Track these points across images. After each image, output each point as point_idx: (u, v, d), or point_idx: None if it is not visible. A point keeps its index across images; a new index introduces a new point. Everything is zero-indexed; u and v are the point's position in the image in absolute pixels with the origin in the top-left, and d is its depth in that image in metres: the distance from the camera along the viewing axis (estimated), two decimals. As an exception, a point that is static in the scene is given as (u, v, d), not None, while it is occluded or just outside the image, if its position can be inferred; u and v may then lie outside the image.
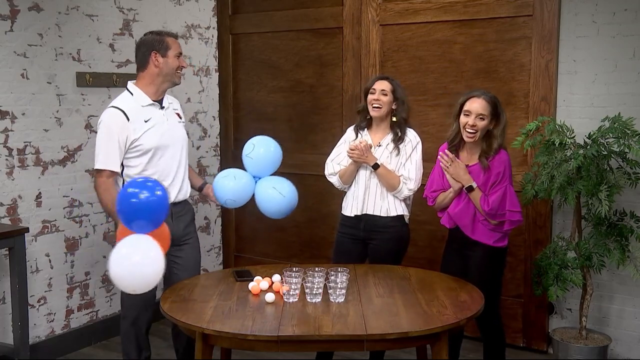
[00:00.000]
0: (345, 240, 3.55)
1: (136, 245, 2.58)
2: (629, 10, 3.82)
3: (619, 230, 3.71)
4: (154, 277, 2.60)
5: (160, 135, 3.21)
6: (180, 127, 3.37)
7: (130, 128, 3.12)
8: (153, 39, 3.21)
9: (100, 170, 3.14)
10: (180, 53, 3.26)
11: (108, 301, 4.50)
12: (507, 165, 3.22)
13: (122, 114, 3.13)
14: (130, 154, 3.16)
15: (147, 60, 3.20)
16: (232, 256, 5.44)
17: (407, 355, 3.97)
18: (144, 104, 3.20)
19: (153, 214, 2.64)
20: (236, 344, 2.65)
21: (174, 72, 3.24)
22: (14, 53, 3.85)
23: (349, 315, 2.66)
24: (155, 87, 3.23)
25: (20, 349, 3.62)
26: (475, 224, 3.25)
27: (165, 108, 3.30)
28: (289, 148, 4.95)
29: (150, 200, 2.62)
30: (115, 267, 2.55)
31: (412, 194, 3.44)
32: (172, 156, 3.27)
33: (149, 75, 3.22)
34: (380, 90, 3.43)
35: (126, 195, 2.65)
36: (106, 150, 3.12)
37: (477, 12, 4.23)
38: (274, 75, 5.11)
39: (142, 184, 2.68)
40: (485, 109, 3.19)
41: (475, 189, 3.22)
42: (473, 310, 2.73)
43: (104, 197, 3.12)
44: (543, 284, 3.76)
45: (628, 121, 3.55)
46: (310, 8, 4.88)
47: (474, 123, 3.19)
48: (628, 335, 4.02)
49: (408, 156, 3.43)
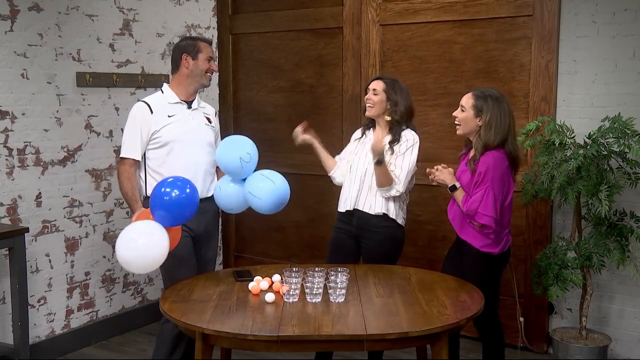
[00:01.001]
0: (340, 236, 3.56)
1: (142, 230, 2.82)
2: (629, 10, 3.82)
3: (619, 230, 3.71)
4: (158, 258, 2.83)
5: (181, 131, 3.31)
6: (206, 129, 3.44)
7: (152, 120, 3.27)
8: (186, 43, 3.39)
9: (124, 158, 3.30)
10: (211, 57, 3.39)
11: (108, 301, 4.50)
12: (490, 167, 3.10)
13: (147, 106, 3.30)
14: (150, 145, 3.29)
15: (178, 62, 3.36)
16: (232, 256, 5.44)
17: (407, 355, 3.97)
18: (172, 101, 3.36)
19: (179, 209, 2.87)
20: (236, 344, 2.65)
21: (203, 74, 3.38)
22: (14, 53, 3.85)
23: (348, 315, 2.66)
24: (184, 88, 3.37)
25: (20, 349, 3.62)
26: (463, 223, 3.25)
27: (194, 109, 3.41)
28: (289, 148, 4.96)
29: (181, 197, 2.86)
30: (123, 249, 2.79)
31: (398, 194, 3.40)
32: (193, 154, 3.34)
33: (180, 76, 3.37)
34: (372, 90, 3.46)
35: (160, 193, 2.88)
36: (130, 140, 3.28)
37: (477, 12, 4.23)
38: (274, 75, 5.11)
39: (174, 183, 2.91)
40: (466, 102, 3.22)
41: (458, 189, 3.22)
42: (473, 310, 2.73)
43: (125, 185, 3.27)
44: (543, 284, 3.76)
45: (628, 121, 3.55)
46: (310, 8, 4.88)
47: (456, 114, 3.25)
48: (628, 335, 4.02)
49: (401, 155, 3.40)
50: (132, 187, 3.26)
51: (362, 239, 3.50)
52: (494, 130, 3.14)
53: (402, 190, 3.39)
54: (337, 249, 3.56)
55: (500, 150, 3.16)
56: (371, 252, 3.48)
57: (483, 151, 3.16)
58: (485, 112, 3.16)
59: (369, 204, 3.44)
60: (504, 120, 3.16)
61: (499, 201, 3.14)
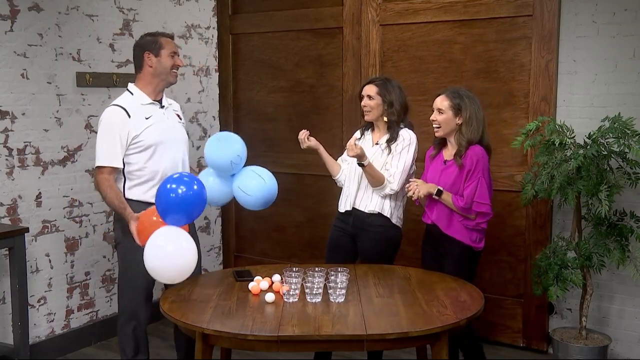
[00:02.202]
0: (337, 234, 3.59)
1: (169, 237, 2.78)
2: (629, 10, 3.82)
3: (619, 230, 3.71)
4: (189, 265, 2.80)
5: (161, 132, 3.25)
6: (180, 127, 3.41)
7: (131, 124, 3.17)
8: (147, 40, 3.29)
9: (102, 167, 3.18)
10: (174, 52, 3.30)
11: (108, 301, 4.50)
12: (479, 159, 3.24)
13: (123, 110, 3.18)
14: (130, 150, 3.19)
15: (141, 61, 3.26)
16: (232, 256, 5.44)
17: (407, 355, 3.97)
18: (144, 102, 3.26)
19: (190, 207, 2.82)
20: (236, 344, 2.65)
21: (169, 72, 3.28)
22: (14, 53, 3.85)
23: (348, 315, 2.66)
24: (152, 87, 3.28)
25: (20, 349, 3.62)
26: (451, 220, 3.30)
27: (165, 107, 3.35)
28: (289, 148, 4.97)
29: (188, 195, 2.80)
30: (151, 259, 2.74)
31: (393, 193, 3.44)
32: (173, 154, 3.30)
33: (145, 75, 3.27)
34: (366, 95, 3.49)
35: (165, 190, 2.81)
36: (107, 147, 3.16)
37: (477, 12, 4.22)
38: (274, 75, 5.11)
39: (179, 179, 2.84)
40: (442, 104, 3.31)
41: (443, 192, 3.28)
42: (473, 310, 2.73)
43: (109, 194, 3.15)
44: (543, 284, 3.76)
45: (628, 121, 3.55)
46: (310, 8, 4.88)
47: (434, 117, 3.33)
48: (628, 335, 4.02)
49: (398, 154, 3.44)
50: (117, 195, 3.14)
51: (358, 238, 3.52)
52: (475, 124, 3.28)
53: (397, 189, 3.42)
54: (335, 248, 3.59)
55: (480, 144, 3.30)
56: (367, 252, 3.51)
57: (467, 146, 3.27)
58: (464, 109, 3.28)
59: (365, 203, 3.48)
60: (480, 113, 3.31)
61: (491, 191, 3.29)
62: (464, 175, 3.25)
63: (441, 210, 3.33)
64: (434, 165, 3.43)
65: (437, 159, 3.42)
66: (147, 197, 3.21)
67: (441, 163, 3.39)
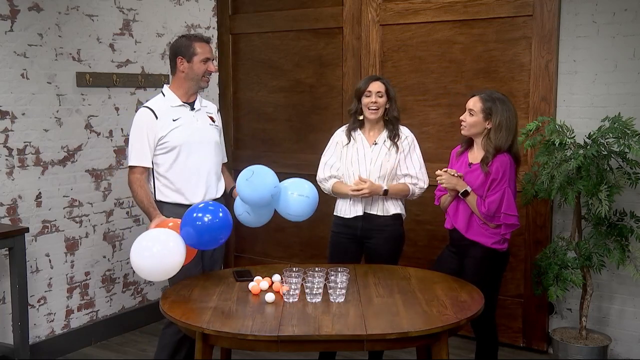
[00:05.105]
0: (342, 240, 3.54)
1: (157, 238, 2.82)
2: (629, 10, 3.82)
3: (619, 230, 3.71)
4: (173, 266, 2.82)
5: (187, 134, 3.27)
6: (211, 129, 3.41)
7: (158, 125, 3.23)
8: (180, 44, 3.30)
9: (133, 167, 3.25)
10: (207, 58, 3.29)
11: (108, 301, 4.50)
12: (507, 169, 3.18)
13: (151, 112, 3.24)
14: (157, 151, 3.25)
15: (174, 64, 3.31)
16: (232, 256, 5.44)
17: (407, 355, 3.97)
18: (174, 104, 3.30)
19: (207, 235, 2.89)
20: (236, 344, 2.65)
21: (200, 78, 3.30)
22: (14, 53, 3.85)
23: (349, 315, 2.66)
24: (184, 90, 3.32)
25: (20, 349, 3.62)
26: (471, 223, 3.26)
27: (197, 110, 3.37)
28: (288, 148, 4.97)
29: (214, 223, 2.88)
30: (137, 257, 2.78)
31: (426, 187, 3.49)
32: (200, 156, 3.31)
33: (178, 79, 3.32)
34: (376, 92, 3.44)
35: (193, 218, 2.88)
36: (138, 147, 3.24)
37: (477, 12, 4.23)
38: (274, 75, 5.11)
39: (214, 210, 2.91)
40: (474, 105, 3.24)
41: (470, 193, 3.23)
42: (473, 310, 2.72)
43: (139, 193, 3.21)
44: (543, 284, 3.76)
45: (628, 121, 3.55)
46: (310, 8, 4.88)
47: (464, 118, 3.27)
48: (628, 335, 4.02)
49: (408, 153, 3.45)
50: (146, 194, 3.20)
51: (367, 240, 3.49)
52: (504, 132, 3.19)
53: (425, 186, 3.48)
54: (339, 255, 3.54)
55: (509, 153, 3.23)
56: (376, 250, 3.48)
57: (495, 154, 3.20)
58: (495, 114, 3.20)
59: (382, 208, 3.46)
60: (512, 121, 3.22)
61: (516, 200, 3.24)
62: (488, 182, 3.20)
63: (462, 214, 3.28)
64: (459, 165, 3.36)
65: (462, 159, 3.37)
66: (174, 198, 3.26)
67: (466, 165, 3.33)
